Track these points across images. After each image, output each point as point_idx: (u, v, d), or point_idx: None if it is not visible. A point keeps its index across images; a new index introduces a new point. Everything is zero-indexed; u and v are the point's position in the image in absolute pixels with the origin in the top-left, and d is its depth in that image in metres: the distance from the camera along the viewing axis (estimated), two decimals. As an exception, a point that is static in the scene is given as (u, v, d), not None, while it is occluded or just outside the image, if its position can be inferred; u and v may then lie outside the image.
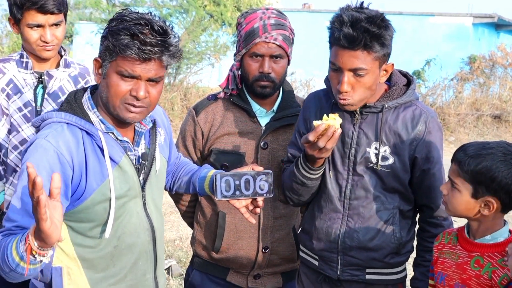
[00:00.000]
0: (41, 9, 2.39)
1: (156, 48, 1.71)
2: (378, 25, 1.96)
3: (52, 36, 2.45)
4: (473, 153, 1.85)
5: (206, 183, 2.14)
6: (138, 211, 1.91)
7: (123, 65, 1.73)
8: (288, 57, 2.44)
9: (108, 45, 1.74)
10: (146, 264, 1.96)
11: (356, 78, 2.01)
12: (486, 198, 1.85)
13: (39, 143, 1.73)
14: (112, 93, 1.77)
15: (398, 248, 2.19)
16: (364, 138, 2.14)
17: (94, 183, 1.78)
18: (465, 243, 1.96)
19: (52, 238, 1.46)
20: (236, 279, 2.53)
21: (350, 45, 1.95)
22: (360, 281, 2.21)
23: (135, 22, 1.72)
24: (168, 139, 2.13)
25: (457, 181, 1.88)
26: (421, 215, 2.26)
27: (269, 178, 2.02)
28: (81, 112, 1.83)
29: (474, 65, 17.84)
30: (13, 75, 2.51)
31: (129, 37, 1.71)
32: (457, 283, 1.92)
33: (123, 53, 1.71)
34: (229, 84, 2.48)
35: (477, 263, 1.89)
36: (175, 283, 4.77)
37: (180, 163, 2.31)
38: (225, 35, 14.31)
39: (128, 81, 1.75)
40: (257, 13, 2.41)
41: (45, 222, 1.42)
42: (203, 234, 2.56)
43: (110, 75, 1.76)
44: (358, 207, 2.16)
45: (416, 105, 2.18)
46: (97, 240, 1.84)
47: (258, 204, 2.05)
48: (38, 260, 1.53)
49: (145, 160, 1.93)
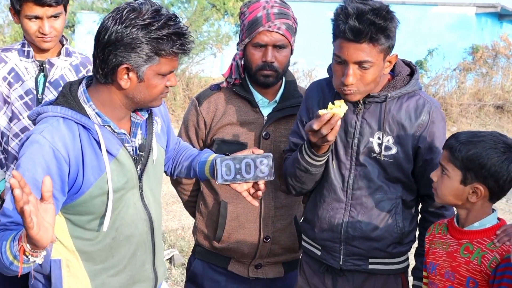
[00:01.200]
0: (38, 2, 2.39)
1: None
2: (383, 17, 1.94)
3: (50, 28, 2.44)
4: (465, 140, 1.87)
5: (206, 168, 2.13)
6: (135, 202, 1.91)
7: (164, 65, 1.77)
8: (291, 47, 2.43)
9: (148, 53, 1.73)
10: (144, 254, 1.96)
11: (361, 71, 1.99)
12: (475, 185, 1.87)
13: (35, 138, 1.71)
14: (154, 93, 1.81)
15: (400, 238, 2.19)
16: (367, 128, 2.14)
17: (91, 177, 1.77)
18: (454, 232, 1.98)
19: (41, 242, 1.45)
20: (238, 268, 2.54)
21: (355, 38, 1.94)
22: (363, 270, 2.21)
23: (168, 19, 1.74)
24: (165, 127, 2.12)
25: (448, 167, 1.90)
26: (423, 205, 2.26)
27: (270, 161, 2.01)
28: (77, 106, 1.80)
29: (476, 55, 17.78)
30: (14, 63, 2.52)
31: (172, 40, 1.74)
32: (447, 271, 1.94)
33: (169, 55, 1.76)
34: (232, 73, 2.47)
35: (467, 250, 1.91)
36: (177, 272, 4.78)
37: (179, 148, 2.30)
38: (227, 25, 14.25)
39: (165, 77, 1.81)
40: (260, 2, 2.40)
41: (32, 230, 1.41)
42: (205, 223, 2.56)
43: (150, 77, 1.78)
44: (361, 197, 2.16)
45: (420, 95, 2.17)
46: (95, 232, 1.84)
47: (259, 187, 2.04)
48: (32, 260, 1.54)
49: (142, 151, 1.92)
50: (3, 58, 2.52)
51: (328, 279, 2.27)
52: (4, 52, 2.55)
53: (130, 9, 1.73)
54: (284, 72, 2.44)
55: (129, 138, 1.88)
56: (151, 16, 1.72)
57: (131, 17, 1.71)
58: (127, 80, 1.76)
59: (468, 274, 1.88)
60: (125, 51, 1.72)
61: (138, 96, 1.80)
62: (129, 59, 1.73)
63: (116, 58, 1.73)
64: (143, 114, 1.93)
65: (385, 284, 2.23)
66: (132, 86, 1.78)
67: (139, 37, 1.71)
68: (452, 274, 1.92)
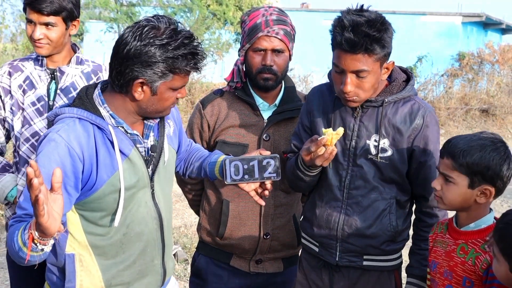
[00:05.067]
0: (32, 7, 2.41)
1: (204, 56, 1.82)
2: (378, 28, 1.93)
3: (41, 34, 2.43)
4: (466, 147, 1.84)
5: (216, 168, 2.14)
6: (146, 201, 1.91)
7: (177, 81, 1.79)
8: (290, 52, 2.44)
9: (163, 70, 1.75)
10: (154, 250, 1.96)
11: (358, 79, 1.99)
12: (483, 187, 1.84)
13: (52, 137, 1.73)
14: (166, 106, 1.84)
15: (394, 236, 2.18)
16: (364, 130, 2.13)
17: (104, 175, 1.78)
18: (452, 232, 1.96)
19: (50, 230, 1.49)
20: (239, 263, 2.53)
21: (351, 49, 1.93)
22: (358, 266, 2.20)
23: (185, 38, 1.76)
24: (177, 130, 2.13)
25: (452, 175, 1.86)
26: (417, 206, 2.25)
27: (276, 162, 2.01)
28: (92, 107, 1.82)
29: (463, 61, 17.83)
30: (30, 72, 2.53)
31: (187, 59, 1.76)
32: (445, 270, 1.92)
33: (182, 73, 1.78)
34: (234, 78, 2.48)
35: (462, 250, 1.89)
36: (180, 268, 4.79)
37: (191, 149, 2.31)
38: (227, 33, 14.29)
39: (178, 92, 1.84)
40: (260, 11, 2.43)
41: (42, 218, 1.45)
42: (208, 221, 2.56)
43: (163, 92, 1.79)
44: (357, 196, 2.15)
45: (415, 100, 2.16)
46: (107, 228, 1.85)
47: (266, 187, 2.05)
48: (40, 248, 1.56)
49: (154, 151, 1.93)
50: (20, 67, 2.55)
51: (325, 274, 2.26)
52: (22, 61, 2.58)
53: (150, 27, 1.74)
54: (283, 76, 2.45)
55: (141, 139, 1.89)
56: (169, 35, 1.74)
57: (150, 36, 1.72)
58: (141, 92, 1.79)
59: (464, 274, 1.86)
60: (142, 67, 1.73)
61: (150, 108, 1.83)
62: (145, 74, 1.74)
63: (133, 72, 1.74)
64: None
65: (378, 280, 2.23)
66: (145, 98, 1.80)
67: (156, 55, 1.72)
68: (450, 274, 1.90)
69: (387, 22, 1.99)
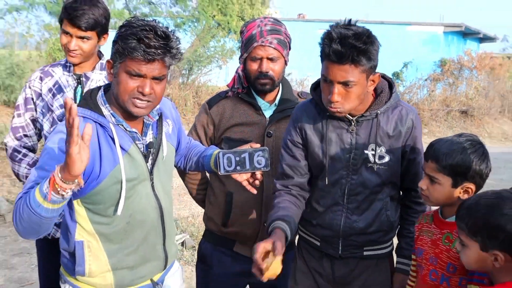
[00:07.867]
0: (71, 21, 2.42)
1: (159, 50, 1.70)
2: (364, 41, 1.87)
3: (76, 46, 2.45)
4: (448, 150, 1.83)
5: (211, 161, 2.14)
6: (147, 192, 1.90)
7: (131, 65, 1.72)
8: (285, 58, 2.42)
9: (118, 48, 1.73)
10: (155, 238, 1.96)
11: (345, 89, 1.93)
12: (465, 185, 1.84)
13: (60, 128, 1.76)
14: (122, 90, 1.76)
15: (390, 228, 2.18)
16: (361, 142, 2.08)
17: (107, 168, 1.78)
18: (438, 222, 1.95)
19: (75, 169, 1.45)
20: (242, 249, 2.52)
21: (339, 60, 1.87)
22: (358, 256, 2.19)
23: (141, 28, 1.71)
24: (176, 128, 2.12)
25: (437, 176, 1.85)
26: (407, 196, 2.24)
27: (266, 154, 2.00)
28: (95, 107, 1.83)
29: (444, 67, 17.82)
30: (59, 77, 2.55)
31: (136, 41, 1.69)
32: (431, 256, 1.91)
33: (131, 55, 1.70)
34: (235, 84, 2.48)
35: (448, 239, 1.88)
36: (188, 254, 4.79)
37: (190, 146, 2.31)
38: (231, 41, 14.28)
39: (135, 79, 1.74)
40: (255, 22, 2.40)
41: (75, 145, 1.42)
42: (213, 211, 2.55)
43: (120, 74, 1.75)
44: (357, 201, 2.11)
45: (401, 105, 2.13)
46: (111, 217, 1.85)
47: (257, 177, 2.05)
48: (59, 197, 1.51)
49: (151, 148, 1.92)
50: (50, 72, 2.56)
51: (326, 262, 2.23)
52: (52, 67, 2.59)
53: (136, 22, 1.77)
54: (279, 80, 2.43)
55: (140, 136, 1.89)
56: (139, 23, 1.73)
57: (131, 25, 1.75)
58: (110, 75, 1.80)
59: (449, 260, 1.86)
60: (112, 49, 1.78)
61: (115, 92, 1.80)
62: (112, 55, 1.78)
63: (110, 55, 1.79)
64: (153, 116, 1.94)
65: (376, 264, 2.22)
66: (112, 81, 1.80)
67: (117, 35, 1.75)
68: (435, 259, 1.90)
69: (374, 36, 1.93)
